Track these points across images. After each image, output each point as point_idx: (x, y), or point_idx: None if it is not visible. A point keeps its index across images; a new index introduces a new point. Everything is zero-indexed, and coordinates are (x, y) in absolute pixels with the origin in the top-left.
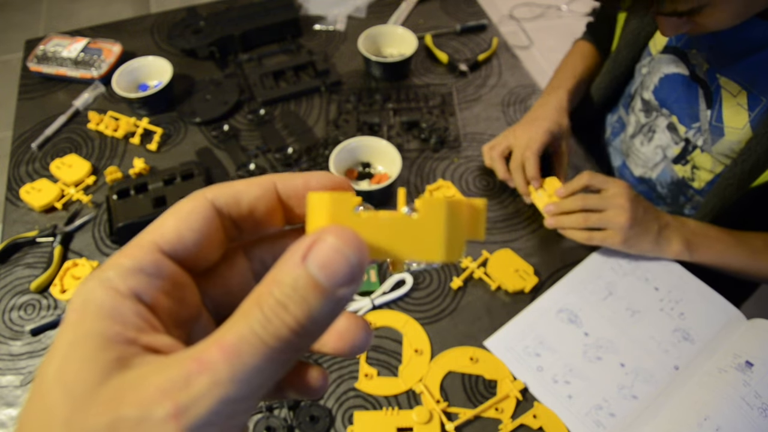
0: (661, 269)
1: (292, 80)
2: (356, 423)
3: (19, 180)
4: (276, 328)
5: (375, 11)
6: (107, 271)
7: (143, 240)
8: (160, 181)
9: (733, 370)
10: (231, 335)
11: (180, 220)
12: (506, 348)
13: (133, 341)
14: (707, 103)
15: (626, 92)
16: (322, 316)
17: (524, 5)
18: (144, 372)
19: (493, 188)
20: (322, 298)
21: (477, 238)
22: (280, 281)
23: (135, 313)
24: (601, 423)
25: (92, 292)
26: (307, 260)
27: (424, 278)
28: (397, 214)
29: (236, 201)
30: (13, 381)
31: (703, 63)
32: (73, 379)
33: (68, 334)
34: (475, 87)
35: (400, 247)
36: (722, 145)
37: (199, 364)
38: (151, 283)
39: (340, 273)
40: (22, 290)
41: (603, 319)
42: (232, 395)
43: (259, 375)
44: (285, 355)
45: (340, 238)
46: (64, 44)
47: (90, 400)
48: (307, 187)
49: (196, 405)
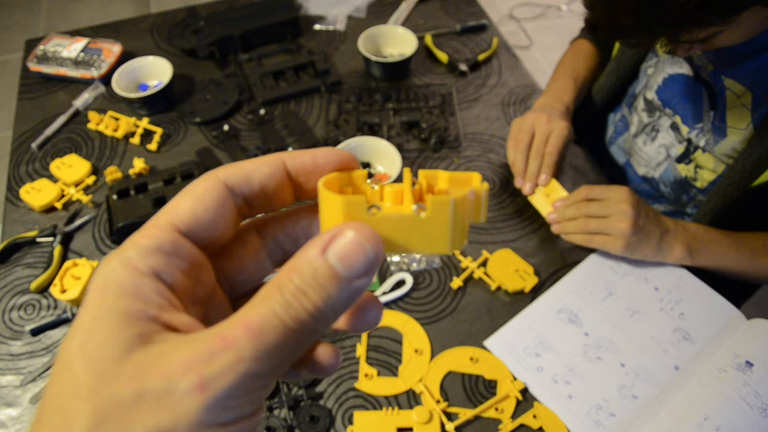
0: (661, 269)
1: (292, 80)
2: (356, 423)
3: (19, 180)
4: (296, 311)
5: (375, 11)
6: (128, 250)
7: (160, 220)
8: (160, 181)
9: (733, 370)
10: (254, 315)
11: (195, 200)
12: (506, 348)
13: (155, 318)
14: (711, 104)
15: (630, 92)
16: (339, 303)
17: (524, 5)
18: (167, 347)
19: (494, 188)
20: (339, 287)
21: (479, 221)
22: (300, 269)
23: (155, 292)
24: (601, 423)
25: (114, 271)
26: (327, 252)
27: (424, 278)
28: (407, 213)
29: (247, 180)
30: (13, 381)
31: (708, 64)
32: (98, 352)
33: (91, 311)
34: (475, 87)
35: (409, 242)
36: (724, 145)
37: (223, 340)
38: (170, 262)
39: (358, 264)
40: (22, 290)
41: (603, 319)
42: (254, 371)
43: (278, 353)
44: (303, 337)
45: (360, 232)
46: (64, 44)
47: (115, 373)
48: (315, 163)
49: (219, 378)
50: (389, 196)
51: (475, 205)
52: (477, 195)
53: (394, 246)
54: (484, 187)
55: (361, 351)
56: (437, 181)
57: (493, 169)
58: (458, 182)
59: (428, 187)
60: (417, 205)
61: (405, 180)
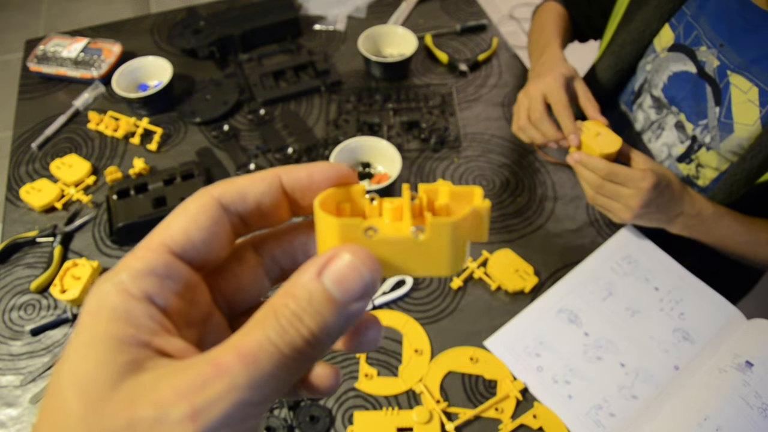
0: (661, 269)
1: (292, 80)
2: (356, 423)
3: (19, 180)
4: (291, 337)
5: (375, 11)
6: (120, 273)
7: (153, 242)
8: (160, 181)
9: (733, 370)
10: (248, 341)
11: (188, 219)
12: (506, 348)
13: (147, 344)
14: (716, 99)
15: (628, 89)
16: (335, 328)
17: (524, 5)
18: (159, 374)
19: (494, 188)
20: (335, 312)
21: (480, 240)
22: (295, 294)
23: (148, 316)
24: (601, 423)
25: (107, 296)
26: (322, 275)
27: (424, 278)
28: (405, 236)
29: (242, 197)
30: (13, 381)
31: (714, 60)
32: (88, 379)
33: (83, 336)
34: (475, 87)
35: (407, 264)
36: (731, 141)
37: (216, 368)
38: (163, 285)
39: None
40: (22, 290)
41: (603, 319)
42: (247, 399)
43: (273, 381)
44: (298, 364)
45: (356, 255)
46: (64, 44)
47: (105, 401)
48: (311, 179)
49: (212, 407)
50: (388, 213)
51: (476, 224)
52: (478, 214)
53: (391, 268)
54: (486, 205)
55: None
56: (437, 196)
57: (493, 169)
58: (459, 197)
59: (428, 203)
60: (416, 228)
61: (404, 195)
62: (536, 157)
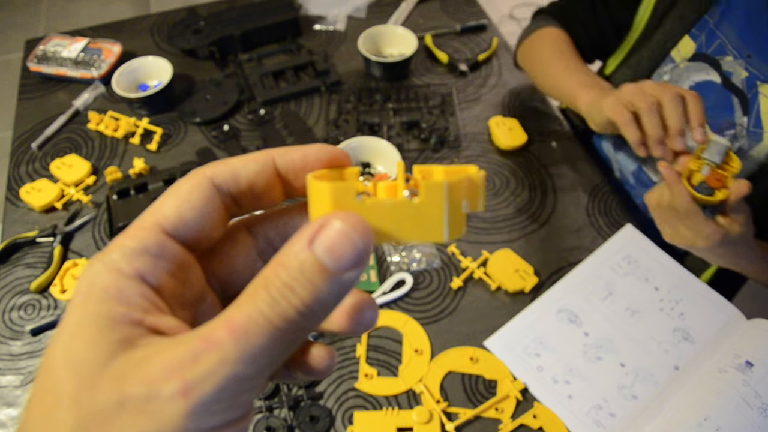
0: (661, 269)
1: (292, 80)
2: (356, 423)
3: (19, 180)
4: (283, 309)
5: (375, 11)
6: (112, 253)
7: (145, 221)
8: (160, 181)
9: (733, 370)
10: (239, 315)
11: (180, 199)
12: (506, 348)
13: (139, 322)
14: (743, 110)
15: None
16: (328, 298)
17: (524, 5)
18: (150, 352)
19: (494, 188)
20: (328, 281)
21: (476, 210)
22: (286, 264)
23: (140, 295)
24: (601, 423)
25: (98, 274)
26: (314, 244)
27: (424, 278)
28: (399, 199)
29: (235, 177)
30: (13, 381)
31: (741, 71)
32: (80, 358)
33: (74, 316)
34: (475, 87)
35: (402, 230)
36: (760, 149)
37: (207, 342)
38: (156, 264)
39: (346, 256)
40: (22, 290)
41: (603, 319)
42: (239, 373)
43: (265, 354)
44: (291, 336)
45: (347, 222)
46: (64, 44)
47: (97, 379)
48: (305, 160)
49: (203, 382)
50: (382, 191)
51: (472, 193)
52: (473, 182)
53: (385, 235)
54: (481, 174)
55: (361, 351)
56: (432, 176)
57: (493, 169)
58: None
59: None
60: (409, 190)
61: (398, 174)
62: (536, 157)
